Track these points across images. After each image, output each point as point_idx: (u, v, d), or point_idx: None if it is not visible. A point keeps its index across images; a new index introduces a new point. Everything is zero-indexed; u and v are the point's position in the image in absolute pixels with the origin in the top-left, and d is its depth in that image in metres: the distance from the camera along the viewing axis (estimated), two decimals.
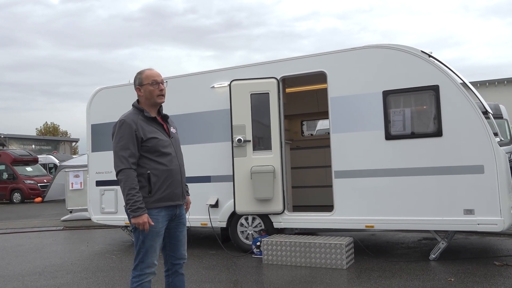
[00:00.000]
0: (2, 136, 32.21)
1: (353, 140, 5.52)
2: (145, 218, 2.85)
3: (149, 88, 3.05)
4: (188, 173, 6.67)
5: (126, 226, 7.07)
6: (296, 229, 6.04)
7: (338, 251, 5.06)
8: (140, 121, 2.98)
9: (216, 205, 6.28)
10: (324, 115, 7.95)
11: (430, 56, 5.25)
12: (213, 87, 6.40)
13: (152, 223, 2.89)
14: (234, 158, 6.01)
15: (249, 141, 5.98)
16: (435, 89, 5.13)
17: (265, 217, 6.02)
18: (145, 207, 2.89)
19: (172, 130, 3.16)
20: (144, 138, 2.94)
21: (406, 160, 5.23)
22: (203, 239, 7.39)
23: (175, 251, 3.15)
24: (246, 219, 6.16)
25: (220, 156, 6.27)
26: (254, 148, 5.99)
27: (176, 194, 3.03)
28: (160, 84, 3.06)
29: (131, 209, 2.84)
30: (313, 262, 5.19)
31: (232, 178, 6.05)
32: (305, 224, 5.83)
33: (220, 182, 6.31)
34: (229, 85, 6.10)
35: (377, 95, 5.42)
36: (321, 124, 10.60)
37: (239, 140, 5.95)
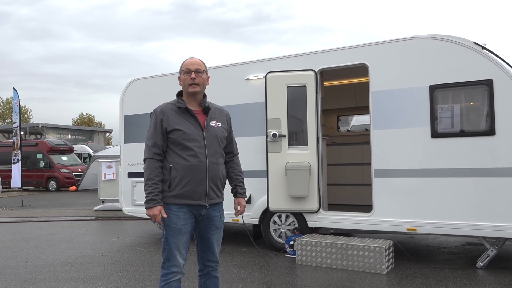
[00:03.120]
0: (39, 126, 33.22)
1: (396, 137, 5.19)
2: (156, 210, 2.72)
3: (182, 77, 2.89)
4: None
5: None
6: (331, 229, 5.78)
7: (377, 254, 4.77)
8: (171, 111, 2.83)
9: (248, 201, 6.08)
10: (363, 110, 7.64)
11: (483, 48, 4.85)
12: (247, 79, 6.19)
13: (165, 215, 2.74)
14: (269, 153, 5.79)
15: (284, 135, 5.74)
16: (488, 83, 4.73)
17: (299, 216, 5.78)
18: (165, 201, 2.77)
19: (213, 123, 2.91)
20: (169, 129, 2.79)
21: (454, 160, 4.87)
22: (234, 235, 7.24)
23: (206, 252, 2.96)
24: (280, 216, 5.95)
25: (254, 151, 6.07)
26: (290, 143, 5.75)
27: (197, 192, 2.79)
28: (193, 72, 2.86)
29: (146, 200, 2.75)
30: (350, 265, 4.92)
31: (266, 174, 5.84)
32: (341, 224, 5.55)
33: (254, 178, 6.11)
34: (265, 77, 5.88)
35: (423, 90, 5.06)
36: (356, 120, 10.23)
37: (274, 135, 5.72)
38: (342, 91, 7.64)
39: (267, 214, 5.99)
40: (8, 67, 69.25)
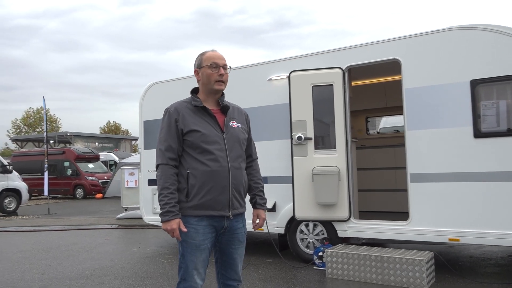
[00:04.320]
0: (68, 134, 33.79)
1: (433, 138, 4.72)
2: (174, 224, 2.37)
3: (207, 71, 2.53)
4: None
5: None
6: (363, 239, 5.33)
7: (417, 268, 4.31)
8: (186, 110, 2.50)
9: (273, 209, 5.71)
10: (394, 110, 7.16)
11: None
12: (270, 79, 5.84)
13: (185, 230, 2.39)
14: (294, 158, 5.41)
15: (311, 138, 5.35)
16: None
17: (328, 224, 5.37)
18: (182, 212, 2.42)
19: (233, 124, 2.59)
20: (185, 130, 2.45)
21: (501, 162, 4.37)
22: (259, 245, 6.87)
23: (227, 270, 2.61)
24: (307, 225, 5.55)
25: (278, 155, 5.70)
26: (316, 147, 5.36)
27: (220, 202, 2.46)
28: (221, 68, 2.54)
29: (161, 212, 2.39)
30: (386, 279, 4.47)
31: (291, 180, 5.46)
32: (375, 234, 5.10)
33: (278, 184, 5.74)
34: (288, 76, 5.51)
35: (463, 85, 4.59)
36: (385, 121, 9.72)
37: (299, 138, 5.34)
38: (371, 90, 7.19)
39: (293, 223, 5.60)
40: (39, 79, 71.39)
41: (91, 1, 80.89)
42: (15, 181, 14.36)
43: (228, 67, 2.60)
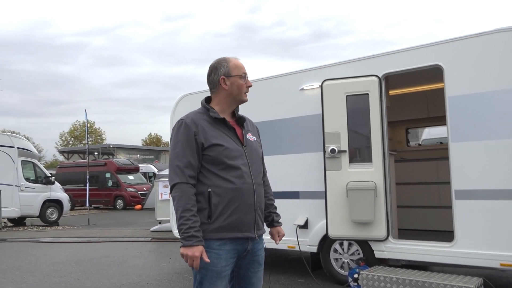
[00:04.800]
0: (111, 146, 34.80)
1: (482, 150, 4.28)
2: (197, 251, 2.10)
3: (238, 81, 2.32)
4: (274, 187, 5.91)
5: None
6: (403, 260, 4.91)
7: None
8: (204, 122, 2.26)
9: (305, 226, 5.40)
10: (437, 121, 6.70)
11: None
12: (302, 89, 5.58)
13: (207, 260, 2.13)
14: (327, 172, 5.10)
15: (345, 151, 5.02)
16: None
17: (364, 244, 4.99)
18: (204, 237, 2.15)
19: (250, 137, 2.39)
20: (206, 145, 2.21)
21: None
22: (290, 263, 6.55)
23: None
24: (341, 244, 5.19)
25: (311, 169, 5.40)
26: (351, 160, 5.02)
27: (246, 222, 2.24)
28: (248, 79, 2.37)
29: (183, 237, 2.11)
30: None
31: (324, 195, 5.13)
32: (415, 255, 4.67)
33: (310, 199, 5.43)
34: (321, 86, 5.23)
35: None
36: (428, 133, 9.18)
37: (333, 150, 5.03)
38: (411, 100, 6.76)
39: (326, 241, 5.26)
40: (85, 93, 74.43)
41: (134, 18, 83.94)
42: (57, 192, 14.77)
43: None
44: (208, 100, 2.40)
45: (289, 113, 5.66)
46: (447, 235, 4.66)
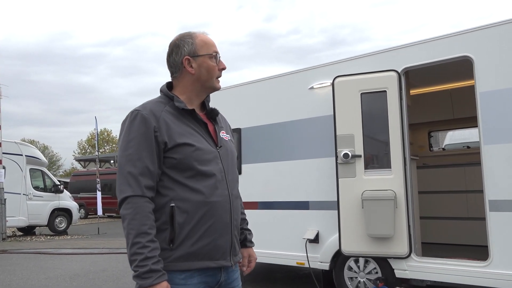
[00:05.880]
0: None
1: None
2: None
3: (208, 62, 1.77)
4: (281, 196, 5.36)
5: None
6: (428, 281, 4.28)
7: None
8: (167, 114, 1.70)
9: (315, 240, 4.82)
10: (462, 123, 6.07)
11: None
12: (311, 88, 5.03)
13: None
14: (339, 179, 4.52)
15: (359, 156, 4.44)
16: None
17: (382, 261, 4.39)
18: (164, 268, 1.59)
19: (224, 135, 1.86)
20: (170, 144, 1.65)
21: None
22: (299, 282, 5.95)
23: None
24: (356, 261, 4.59)
25: (321, 176, 4.83)
26: (367, 166, 4.44)
27: (220, 247, 1.70)
28: (221, 60, 1.83)
29: (137, 273, 1.54)
30: None
31: (336, 206, 4.55)
32: (443, 276, 4.04)
33: (321, 210, 4.86)
34: (332, 83, 4.67)
35: None
36: (451, 137, 8.48)
37: (346, 155, 4.45)
38: (435, 100, 6.15)
39: (340, 257, 4.67)
40: (105, 103, 75.22)
41: (151, 29, 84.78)
42: (66, 200, 14.46)
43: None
44: (169, 87, 1.85)
45: (297, 115, 5.12)
46: (477, 250, 4.03)
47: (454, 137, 8.29)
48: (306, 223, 4.94)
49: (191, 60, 1.77)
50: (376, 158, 4.47)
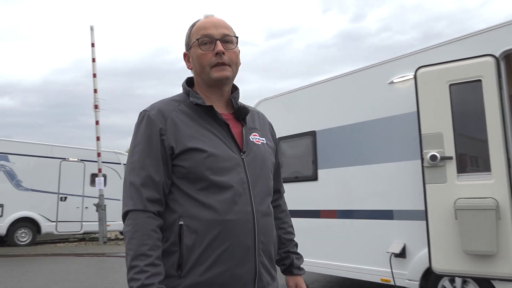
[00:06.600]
0: None
1: None
2: None
3: (196, 52, 1.50)
4: (362, 204, 4.87)
5: None
6: None
7: None
8: (178, 114, 1.45)
9: (402, 255, 4.25)
10: None
11: None
12: (391, 82, 4.48)
13: None
14: (427, 185, 3.91)
15: (450, 158, 3.80)
16: None
17: (485, 283, 3.69)
18: None
19: (255, 138, 1.53)
20: (178, 149, 1.39)
21: None
22: None
23: None
24: (452, 281, 3.94)
25: (407, 182, 4.26)
26: (460, 170, 3.78)
27: (239, 278, 1.38)
28: (218, 42, 1.47)
29: None
30: None
31: (424, 215, 3.95)
32: None
33: (408, 220, 4.28)
34: (414, 75, 4.09)
35: None
36: None
37: (433, 157, 3.84)
38: None
39: (432, 275, 4.05)
40: None
41: (241, 37, 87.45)
42: None
43: (233, 37, 1.52)
44: (190, 82, 1.59)
45: (375, 113, 4.60)
46: None
47: None
48: (391, 234, 4.39)
49: (188, 54, 1.55)
50: (472, 159, 3.80)
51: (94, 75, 13.29)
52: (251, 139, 1.52)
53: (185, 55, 1.57)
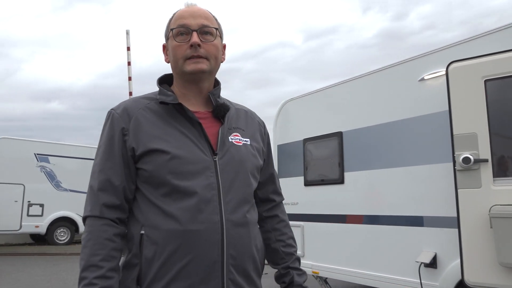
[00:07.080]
0: None
1: None
2: None
3: (172, 44, 1.37)
4: (390, 209, 4.58)
5: (315, 276, 5.42)
6: None
7: None
8: (146, 112, 1.34)
9: (432, 265, 3.94)
10: None
11: None
12: (422, 79, 4.19)
13: None
14: (459, 190, 3.60)
15: (486, 160, 3.47)
16: None
17: None
18: None
19: (235, 138, 1.38)
20: (138, 151, 1.29)
21: None
22: None
23: None
24: None
25: (437, 186, 3.95)
26: (496, 174, 3.44)
27: None
28: (194, 33, 1.33)
29: None
30: None
31: (457, 222, 3.64)
32: None
33: (439, 228, 3.97)
34: (446, 70, 3.78)
35: None
36: None
37: (466, 160, 3.52)
38: None
39: None
40: None
41: (280, 40, 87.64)
42: None
43: (213, 28, 1.36)
44: (169, 79, 1.46)
45: (405, 113, 4.31)
46: None
47: None
48: (420, 243, 4.09)
49: (166, 47, 1.42)
50: (509, 162, 3.45)
51: (130, 78, 13.55)
52: (230, 140, 1.37)
53: (164, 47, 1.45)
